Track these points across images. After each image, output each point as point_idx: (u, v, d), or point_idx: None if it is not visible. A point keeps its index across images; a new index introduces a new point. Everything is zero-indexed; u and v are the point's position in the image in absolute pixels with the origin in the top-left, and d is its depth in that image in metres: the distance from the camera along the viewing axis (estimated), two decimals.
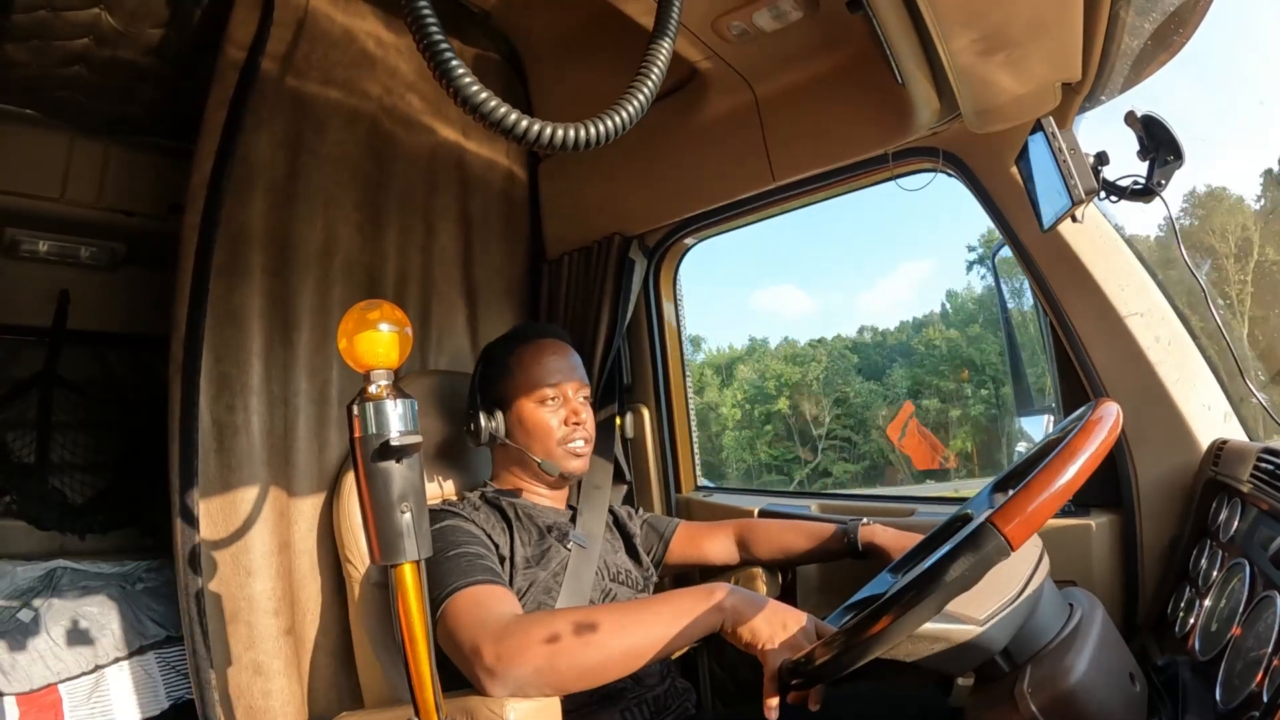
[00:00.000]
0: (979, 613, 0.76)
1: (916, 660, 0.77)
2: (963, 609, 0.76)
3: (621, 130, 0.70)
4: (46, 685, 1.71)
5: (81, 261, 2.39)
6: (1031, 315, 1.46)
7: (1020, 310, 1.58)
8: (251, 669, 1.33)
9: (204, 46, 1.50)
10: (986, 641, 0.77)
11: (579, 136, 0.68)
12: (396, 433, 0.73)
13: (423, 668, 0.74)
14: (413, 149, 1.77)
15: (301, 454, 1.46)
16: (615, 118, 0.69)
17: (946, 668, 0.79)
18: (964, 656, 0.78)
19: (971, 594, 0.71)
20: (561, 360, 1.38)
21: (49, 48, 1.58)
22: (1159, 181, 1.11)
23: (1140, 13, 0.98)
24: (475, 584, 1.04)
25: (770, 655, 0.92)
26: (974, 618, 0.76)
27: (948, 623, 0.75)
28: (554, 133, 0.67)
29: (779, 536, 1.45)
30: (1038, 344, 1.47)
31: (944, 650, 0.76)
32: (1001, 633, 0.77)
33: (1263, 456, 1.01)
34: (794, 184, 1.63)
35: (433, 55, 0.62)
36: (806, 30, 1.39)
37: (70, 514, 2.45)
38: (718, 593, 0.98)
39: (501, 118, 0.64)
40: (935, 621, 0.73)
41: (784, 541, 1.44)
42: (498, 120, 0.64)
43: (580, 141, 0.69)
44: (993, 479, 1.10)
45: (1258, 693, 0.70)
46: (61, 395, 2.51)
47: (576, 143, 0.69)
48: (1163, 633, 1.08)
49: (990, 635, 0.76)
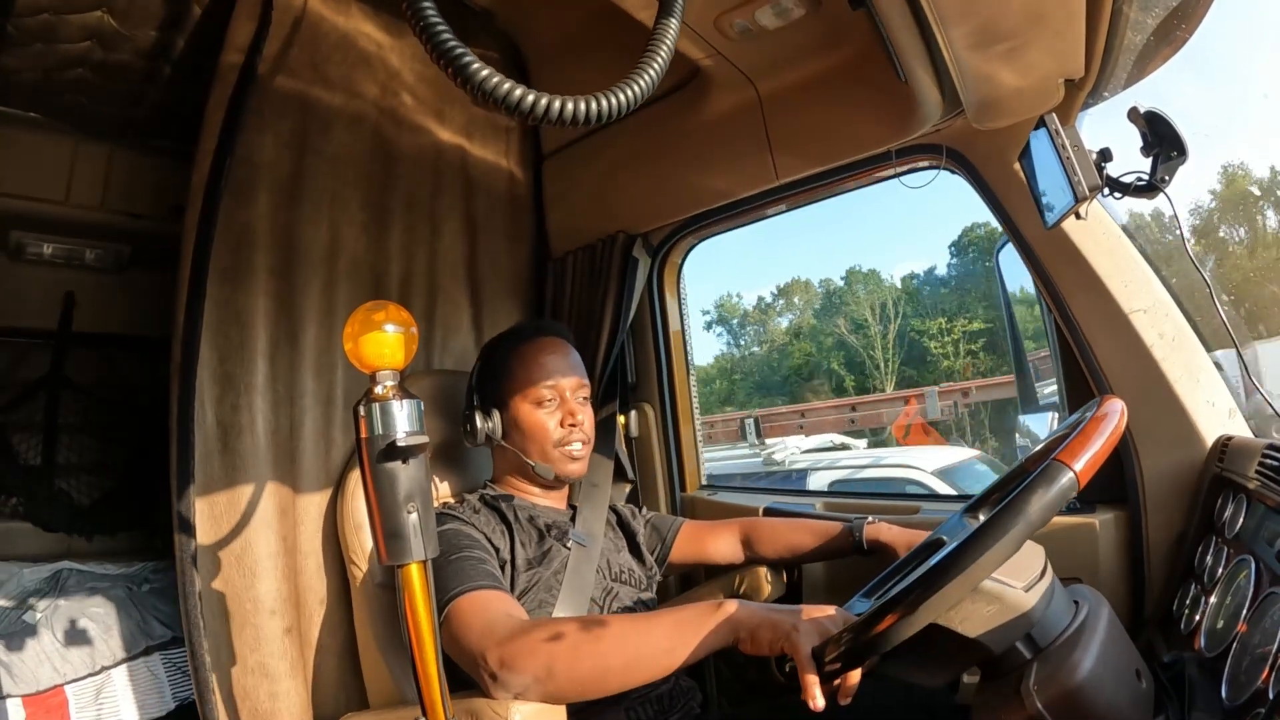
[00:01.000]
0: (1020, 583, 0.77)
1: (968, 630, 0.77)
2: (1006, 578, 0.77)
3: (626, 108, 0.68)
4: (53, 686, 1.72)
5: (87, 264, 2.40)
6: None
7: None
8: (257, 671, 1.33)
9: (206, 49, 1.50)
10: (1030, 613, 0.77)
11: (581, 110, 0.66)
12: (403, 433, 0.73)
13: (429, 668, 0.74)
14: (417, 149, 1.77)
15: (307, 455, 1.46)
16: (619, 95, 0.67)
17: (989, 643, 0.78)
18: (1007, 628, 0.78)
19: (1006, 568, 0.73)
20: (559, 359, 1.37)
21: (52, 51, 1.59)
22: (1162, 178, 1.11)
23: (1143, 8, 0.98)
24: (479, 588, 1.04)
25: (800, 639, 0.85)
26: (1018, 585, 0.77)
27: (1002, 585, 0.76)
28: (558, 106, 0.65)
29: (784, 535, 1.45)
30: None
31: (995, 618, 0.77)
32: (1039, 606, 0.78)
33: (1268, 452, 1.01)
34: (797, 182, 1.63)
35: (428, 33, 0.60)
36: (809, 27, 1.39)
37: (77, 515, 2.46)
38: (728, 606, 0.93)
39: (506, 94, 0.62)
40: (992, 580, 0.74)
41: (789, 540, 1.44)
42: (500, 95, 0.62)
43: (583, 115, 0.66)
44: (963, 505, 1.11)
45: (1263, 689, 0.70)
46: (68, 397, 2.52)
47: (576, 116, 0.66)
48: (1168, 629, 1.08)
49: (1034, 607, 0.78)
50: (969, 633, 0.77)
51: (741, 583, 1.50)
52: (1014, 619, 0.77)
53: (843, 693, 0.85)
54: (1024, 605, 0.77)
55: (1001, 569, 0.72)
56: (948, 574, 0.69)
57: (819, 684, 0.80)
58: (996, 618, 0.77)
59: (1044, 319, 1.41)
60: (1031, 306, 1.56)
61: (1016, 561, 0.74)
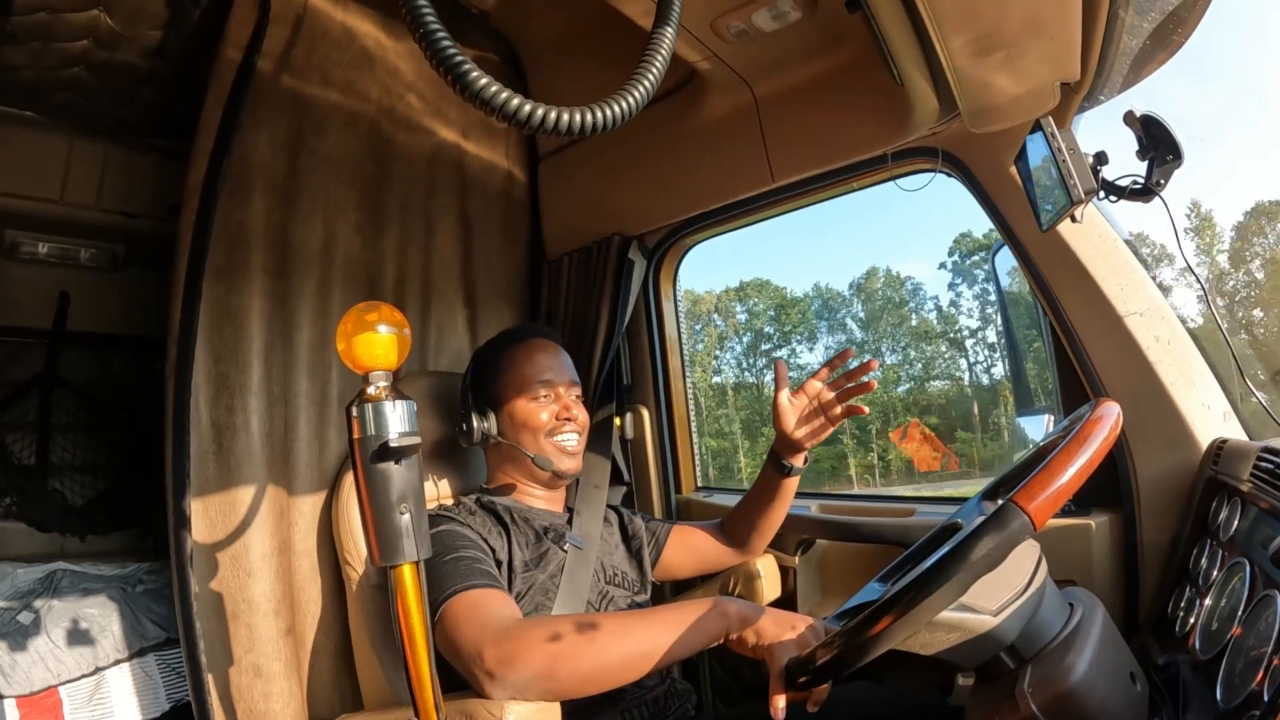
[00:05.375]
0: (991, 604, 0.77)
1: (930, 653, 0.78)
2: (976, 601, 0.77)
3: (623, 118, 0.68)
4: (47, 688, 1.71)
5: (81, 263, 2.39)
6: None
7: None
8: (252, 671, 1.33)
9: (203, 48, 1.50)
10: (999, 633, 0.77)
11: (578, 121, 0.66)
12: (395, 434, 0.73)
13: (423, 669, 0.74)
14: (412, 149, 1.77)
15: (301, 455, 1.46)
16: (617, 105, 0.68)
17: (959, 661, 0.79)
18: (977, 649, 0.78)
19: (981, 586, 0.72)
20: (553, 359, 1.39)
21: (48, 50, 1.58)
22: (1158, 181, 1.11)
23: (1139, 12, 0.98)
24: (474, 588, 1.04)
25: (778, 652, 0.91)
26: (987, 609, 0.77)
27: (964, 612, 0.76)
28: (555, 117, 0.65)
29: (743, 506, 1.47)
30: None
31: (959, 641, 0.77)
32: (1012, 625, 0.78)
33: (1263, 455, 1.01)
34: (793, 184, 1.63)
35: (427, 40, 0.60)
36: (805, 31, 1.39)
37: (71, 516, 2.45)
38: (721, 603, 0.98)
39: (504, 103, 0.62)
40: (953, 610, 0.74)
41: (746, 506, 1.46)
42: (497, 104, 0.62)
43: (580, 126, 0.66)
44: (983, 488, 1.11)
45: (1258, 692, 0.70)
46: (62, 397, 2.51)
47: (572, 127, 0.66)
48: (1163, 632, 1.08)
49: (1003, 627, 0.77)
50: (931, 653, 0.78)
51: (736, 583, 1.50)
52: (980, 640, 0.78)
53: (812, 700, 0.92)
54: (988, 628, 0.77)
55: (971, 593, 0.72)
56: (893, 615, 0.69)
57: (784, 698, 0.87)
58: (960, 640, 0.77)
59: (1039, 322, 1.41)
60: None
61: (994, 580, 0.73)
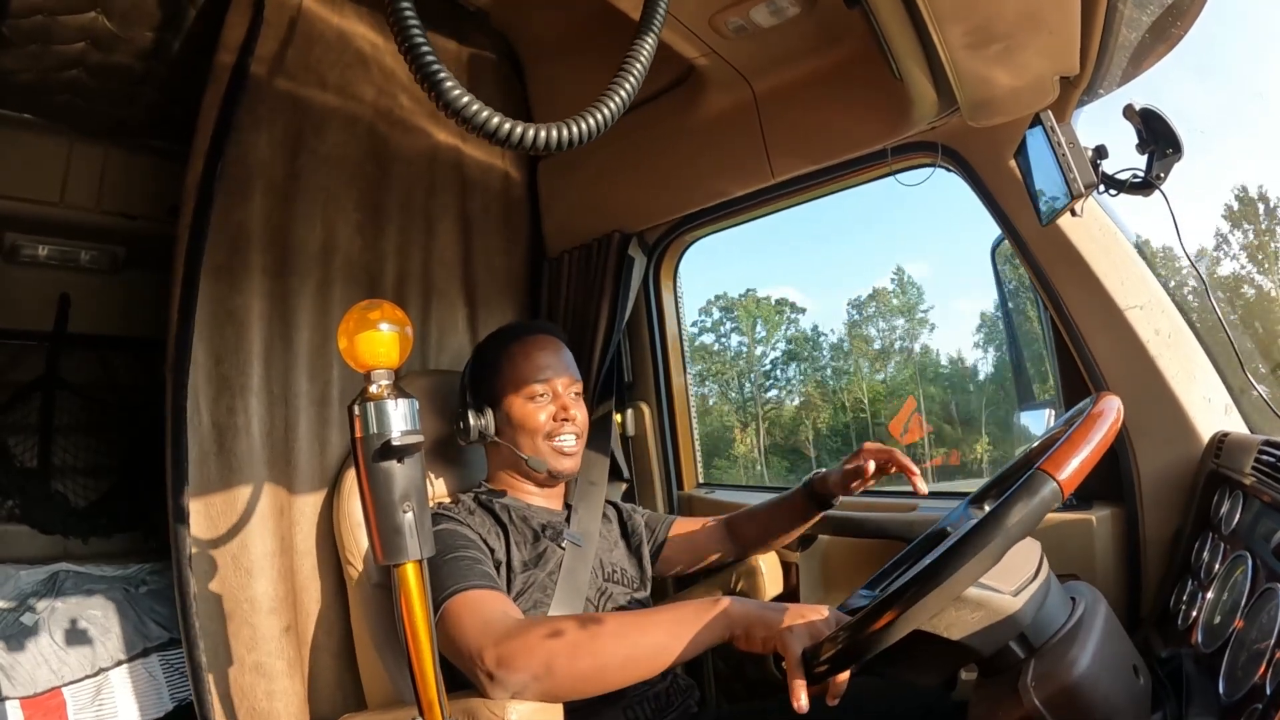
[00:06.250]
0: (1008, 586, 0.78)
1: (955, 635, 0.77)
2: (993, 582, 0.77)
3: (602, 128, 0.70)
4: (50, 689, 1.71)
5: (82, 265, 2.39)
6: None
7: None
8: (254, 670, 1.33)
9: (200, 49, 1.50)
10: (1018, 616, 0.78)
11: (558, 136, 0.68)
12: (398, 432, 0.73)
13: (426, 667, 0.74)
14: (412, 149, 1.77)
15: (303, 455, 1.46)
16: (595, 116, 0.69)
17: (976, 645, 0.79)
18: (994, 633, 0.78)
19: (996, 570, 0.72)
20: (551, 356, 1.37)
21: (47, 52, 1.58)
22: (1158, 175, 1.11)
23: (1138, 5, 0.98)
24: (473, 588, 1.04)
25: (791, 641, 0.86)
26: (1006, 590, 0.77)
27: (987, 590, 0.76)
28: (534, 134, 0.67)
29: (759, 515, 1.47)
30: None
31: (981, 625, 0.77)
32: (1029, 609, 0.78)
33: (1264, 449, 1.01)
34: (793, 180, 1.63)
35: (414, 57, 0.62)
36: (804, 26, 1.39)
37: (73, 517, 2.45)
38: (724, 602, 0.95)
39: (484, 121, 0.64)
40: (978, 587, 0.74)
41: (763, 519, 1.46)
42: (478, 123, 0.64)
43: (560, 141, 0.68)
44: (969, 495, 1.11)
45: (1260, 685, 0.70)
46: (63, 399, 2.51)
47: (548, 143, 0.68)
48: (1165, 626, 1.08)
49: (1022, 610, 0.77)
50: (955, 637, 0.78)
51: (738, 580, 1.50)
52: (1002, 622, 0.77)
53: (831, 693, 0.86)
54: (1011, 610, 0.77)
55: (990, 574, 0.72)
56: (925, 588, 0.69)
57: (805, 686, 0.81)
58: (983, 622, 0.77)
59: (1040, 316, 1.41)
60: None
61: (1007, 564, 0.74)
